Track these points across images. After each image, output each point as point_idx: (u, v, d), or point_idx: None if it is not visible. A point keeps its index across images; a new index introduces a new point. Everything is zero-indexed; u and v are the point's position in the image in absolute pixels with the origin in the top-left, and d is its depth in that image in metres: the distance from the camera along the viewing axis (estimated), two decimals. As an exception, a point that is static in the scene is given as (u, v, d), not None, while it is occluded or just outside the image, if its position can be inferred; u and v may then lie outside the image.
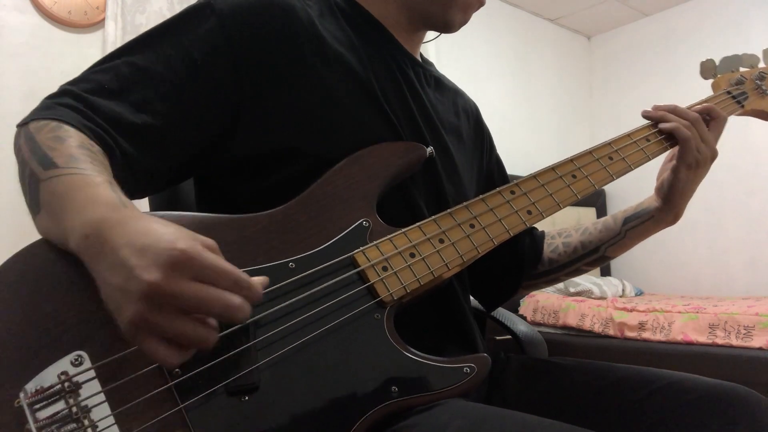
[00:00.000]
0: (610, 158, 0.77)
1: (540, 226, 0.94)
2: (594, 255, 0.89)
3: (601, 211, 3.85)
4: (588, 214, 3.74)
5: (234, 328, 0.53)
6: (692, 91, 1.09)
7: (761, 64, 0.93)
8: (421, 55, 0.88)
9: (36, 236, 0.56)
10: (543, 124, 3.95)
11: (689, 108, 0.84)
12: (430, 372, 0.57)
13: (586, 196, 0.74)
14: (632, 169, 0.78)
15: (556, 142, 3.94)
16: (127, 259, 0.45)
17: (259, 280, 0.50)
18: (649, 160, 0.80)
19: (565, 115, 4.11)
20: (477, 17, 3.45)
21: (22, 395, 0.46)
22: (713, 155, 0.81)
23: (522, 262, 0.90)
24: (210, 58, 0.64)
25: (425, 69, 0.85)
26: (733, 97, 0.89)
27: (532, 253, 0.91)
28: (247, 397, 0.51)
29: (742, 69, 0.93)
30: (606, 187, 3.98)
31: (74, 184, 0.52)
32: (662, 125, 0.80)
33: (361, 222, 0.63)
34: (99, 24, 2.31)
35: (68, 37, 2.25)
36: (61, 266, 0.52)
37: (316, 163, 0.66)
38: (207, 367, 0.51)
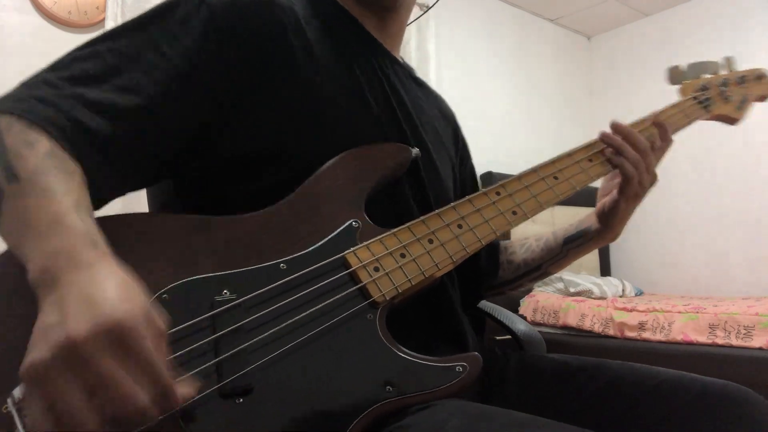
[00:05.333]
0: (590, 160, 0.79)
1: (541, 225, 0.95)
2: (536, 272, 0.92)
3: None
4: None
5: (228, 329, 0.52)
6: (691, 91, 1.09)
7: (723, 71, 0.97)
8: (401, 58, 0.89)
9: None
10: (543, 124, 3.95)
11: (648, 120, 0.85)
12: (424, 371, 0.58)
13: (567, 198, 0.76)
14: (609, 172, 0.81)
15: (555, 142, 3.93)
16: (69, 302, 0.41)
17: (185, 391, 0.45)
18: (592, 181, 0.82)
19: (565, 115, 4.11)
20: (477, 17, 3.44)
21: (9, 401, 0.44)
22: (653, 182, 0.82)
23: (481, 274, 0.92)
24: (201, 48, 0.63)
25: (405, 70, 0.86)
26: (700, 102, 0.92)
27: (491, 264, 0.93)
28: (241, 399, 0.51)
29: (706, 75, 0.96)
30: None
31: (36, 207, 0.48)
32: (612, 158, 0.80)
33: (351, 223, 0.63)
34: (99, 24, 2.32)
35: (68, 37, 2.25)
36: None
37: (303, 164, 0.65)
38: (201, 369, 0.50)
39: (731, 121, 0.96)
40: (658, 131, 0.84)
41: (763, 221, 3.39)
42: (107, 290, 0.43)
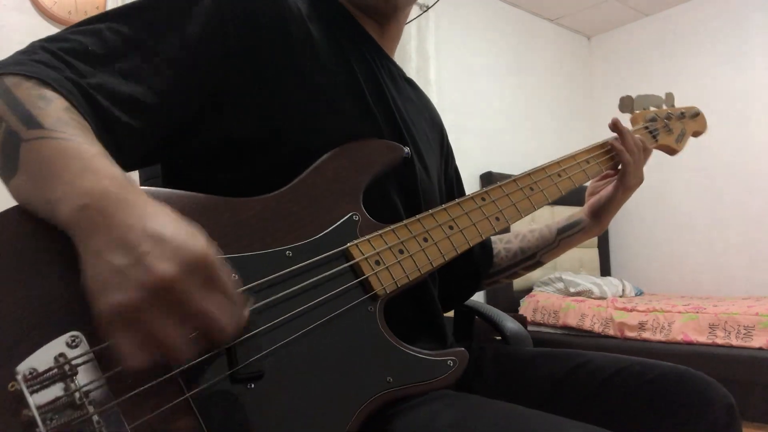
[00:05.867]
0: (559, 175, 0.86)
1: (540, 223, 0.98)
2: (530, 260, 0.99)
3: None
4: (588, 214, 3.74)
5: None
6: (691, 92, 1.11)
7: (663, 106, 1.06)
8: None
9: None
10: (543, 124, 3.95)
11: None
12: (420, 364, 0.61)
13: (541, 207, 0.82)
14: (576, 186, 0.89)
15: (555, 142, 3.93)
16: (138, 242, 0.42)
17: (245, 315, 0.49)
18: (589, 179, 0.91)
19: (565, 115, 4.11)
20: (477, 17, 3.43)
21: (19, 378, 0.43)
22: (641, 181, 0.93)
23: (478, 267, 0.97)
24: (204, 37, 0.63)
25: (399, 70, 0.88)
26: (650, 132, 1.01)
27: (485, 258, 0.98)
28: (253, 385, 0.51)
29: (652, 108, 1.05)
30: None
31: (66, 150, 0.47)
32: (614, 143, 0.92)
33: (352, 215, 0.64)
34: (99, 24, 2.32)
35: (68, 37, 2.25)
36: (41, 238, 0.48)
37: (299, 153, 0.66)
38: (213, 354, 0.50)
39: (671, 151, 1.05)
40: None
41: (763, 221, 3.39)
42: (170, 226, 0.44)
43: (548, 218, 3.20)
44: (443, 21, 3.38)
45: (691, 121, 1.07)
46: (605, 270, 3.87)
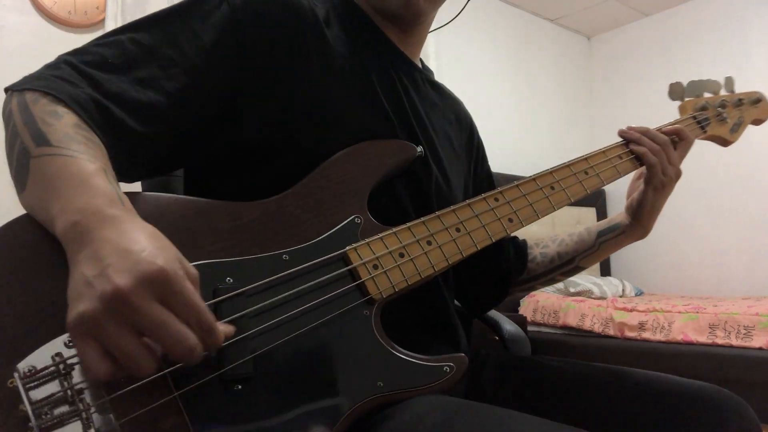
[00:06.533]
0: (586, 173, 0.81)
1: (541, 225, 0.96)
2: (569, 265, 0.94)
3: (601, 211, 3.85)
4: (588, 214, 3.74)
5: (230, 318, 0.53)
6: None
7: (723, 91, 0.97)
8: (422, 61, 0.90)
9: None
10: (543, 124, 3.95)
11: (660, 130, 0.88)
12: (413, 369, 0.60)
13: (561, 207, 0.78)
14: (605, 185, 0.83)
15: (555, 142, 3.93)
16: (106, 256, 0.44)
17: (223, 330, 0.48)
18: (621, 176, 0.85)
19: (565, 115, 4.11)
20: (477, 17, 3.43)
21: (16, 375, 0.45)
22: (678, 175, 0.86)
23: (509, 273, 0.94)
24: (219, 42, 0.65)
25: (423, 74, 0.87)
26: (698, 122, 0.93)
27: (518, 263, 0.95)
28: (240, 386, 0.52)
29: (706, 95, 0.96)
30: (606, 188, 3.99)
31: (67, 166, 0.50)
32: (633, 147, 0.85)
33: (354, 218, 0.64)
34: (99, 24, 2.32)
35: (68, 37, 2.25)
36: (48, 243, 0.50)
37: (310, 158, 0.66)
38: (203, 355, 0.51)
39: (724, 143, 0.97)
40: (676, 136, 0.89)
41: (763, 221, 3.39)
42: (141, 241, 0.45)
43: (548, 221, 3.19)
44: (443, 21, 3.38)
45: (752, 108, 0.97)
46: (605, 270, 3.87)
